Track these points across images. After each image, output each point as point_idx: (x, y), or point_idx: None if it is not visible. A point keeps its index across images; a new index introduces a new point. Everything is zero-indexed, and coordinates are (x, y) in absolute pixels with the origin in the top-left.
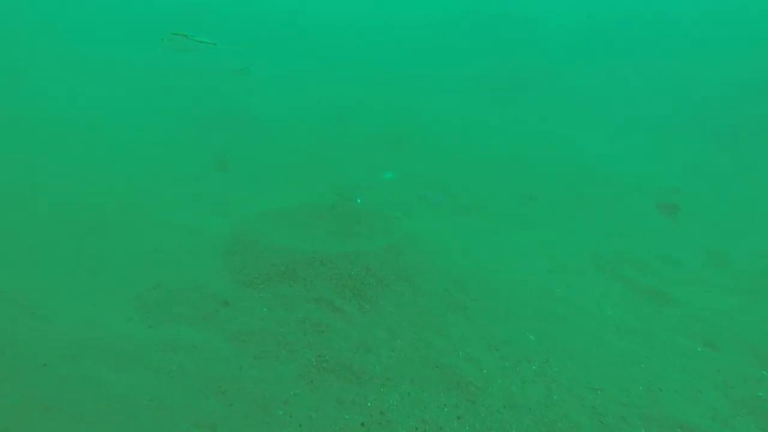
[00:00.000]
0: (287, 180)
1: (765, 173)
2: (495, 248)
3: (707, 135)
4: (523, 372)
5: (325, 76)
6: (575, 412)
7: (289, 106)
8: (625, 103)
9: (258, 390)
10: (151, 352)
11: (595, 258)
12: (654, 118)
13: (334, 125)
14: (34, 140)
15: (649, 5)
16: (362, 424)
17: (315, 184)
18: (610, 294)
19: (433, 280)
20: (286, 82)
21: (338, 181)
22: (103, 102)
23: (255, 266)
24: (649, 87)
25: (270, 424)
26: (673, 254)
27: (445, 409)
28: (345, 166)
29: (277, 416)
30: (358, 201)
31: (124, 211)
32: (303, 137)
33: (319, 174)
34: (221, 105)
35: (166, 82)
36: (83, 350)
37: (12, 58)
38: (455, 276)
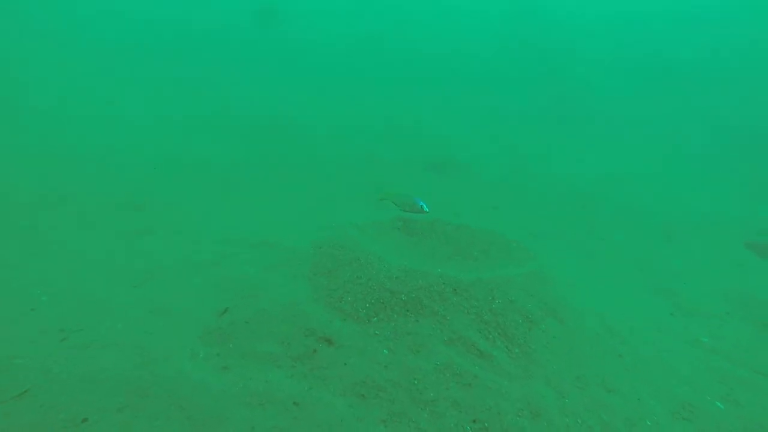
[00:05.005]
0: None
1: None
2: (609, 285)
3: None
4: None
5: (374, 98)
6: None
7: (337, 125)
8: (684, 134)
9: None
10: (235, 407)
11: (720, 299)
12: (713, 150)
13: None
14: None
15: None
16: None
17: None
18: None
19: (579, 317)
20: (338, 102)
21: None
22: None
23: (362, 291)
24: (698, 118)
25: None
26: None
27: None
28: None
29: None
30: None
31: (175, 213)
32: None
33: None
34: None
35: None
36: (131, 398)
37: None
38: (600, 312)
